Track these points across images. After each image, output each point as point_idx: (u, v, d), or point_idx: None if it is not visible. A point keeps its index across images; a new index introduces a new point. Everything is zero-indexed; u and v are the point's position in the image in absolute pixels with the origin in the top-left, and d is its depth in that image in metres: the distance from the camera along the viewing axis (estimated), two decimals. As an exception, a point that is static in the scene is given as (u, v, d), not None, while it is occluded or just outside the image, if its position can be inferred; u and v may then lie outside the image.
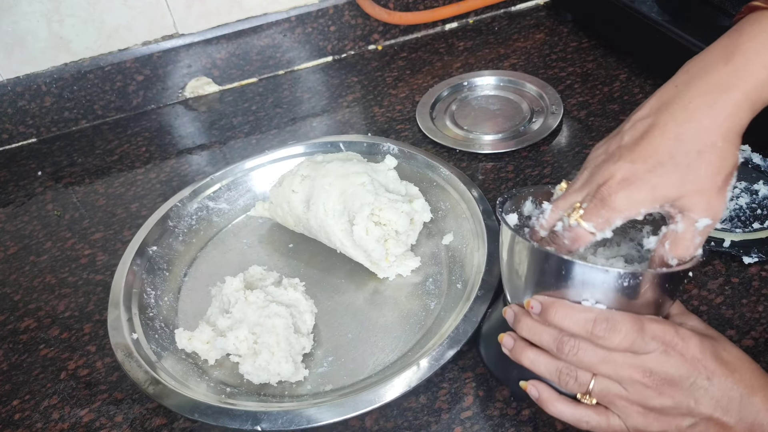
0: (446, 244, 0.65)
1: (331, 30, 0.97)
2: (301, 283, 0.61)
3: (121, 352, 0.55)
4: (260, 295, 0.57)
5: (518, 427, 0.50)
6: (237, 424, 0.49)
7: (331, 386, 0.55)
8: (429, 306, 0.60)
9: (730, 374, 0.40)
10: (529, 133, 0.78)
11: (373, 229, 0.60)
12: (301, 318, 0.57)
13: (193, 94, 0.96)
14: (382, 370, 0.55)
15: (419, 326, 0.58)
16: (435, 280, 0.63)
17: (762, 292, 0.56)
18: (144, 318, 0.59)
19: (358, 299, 0.62)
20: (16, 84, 0.87)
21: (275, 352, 0.54)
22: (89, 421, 0.55)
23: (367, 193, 0.61)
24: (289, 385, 0.55)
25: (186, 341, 0.57)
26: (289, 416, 0.49)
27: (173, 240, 0.68)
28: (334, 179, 0.62)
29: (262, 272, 0.62)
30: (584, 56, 0.91)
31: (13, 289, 0.69)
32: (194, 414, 0.50)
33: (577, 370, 0.42)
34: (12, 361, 0.62)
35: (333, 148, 0.74)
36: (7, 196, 0.83)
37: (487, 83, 0.87)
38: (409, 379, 0.50)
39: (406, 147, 0.72)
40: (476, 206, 0.64)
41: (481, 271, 0.57)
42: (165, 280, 0.65)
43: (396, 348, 0.57)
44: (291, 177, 0.65)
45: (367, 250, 0.61)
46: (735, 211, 0.61)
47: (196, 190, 0.71)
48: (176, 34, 0.91)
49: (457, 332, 0.53)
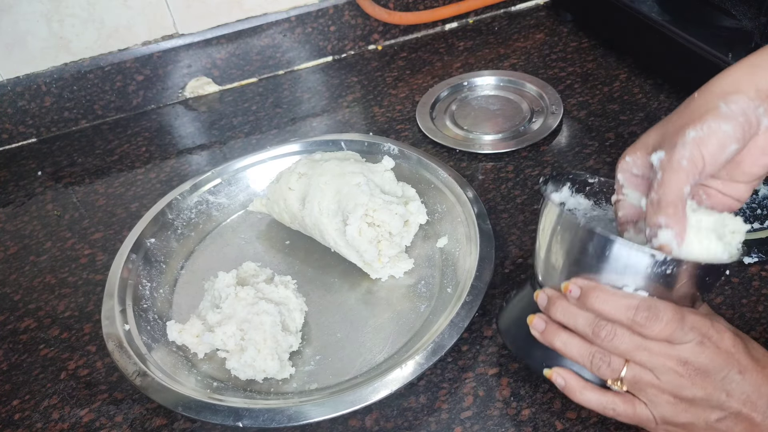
0: (441, 247, 0.65)
1: (331, 30, 0.97)
2: (293, 281, 0.61)
3: (112, 343, 0.55)
4: (251, 292, 0.57)
5: (518, 427, 0.50)
6: (219, 419, 0.49)
7: (316, 385, 0.55)
8: (419, 308, 0.60)
9: (761, 370, 0.40)
10: (529, 133, 0.78)
11: (366, 229, 0.60)
12: (290, 316, 0.58)
13: (193, 94, 0.96)
14: (368, 371, 0.55)
15: (408, 328, 0.58)
16: (427, 282, 0.62)
17: (762, 292, 0.56)
18: (137, 309, 0.60)
19: (350, 299, 0.62)
20: (16, 84, 0.87)
21: (261, 349, 0.54)
22: (89, 421, 0.55)
23: (362, 193, 0.61)
24: (275, 382, 0.55)
25: (176, 334, 0.57)
26: (271, 414, 0.49)
27: (172, 233, 0.68)
28: (330, 178, 0.62)
29: (256, 269, 0.62)
30: (584, 56, 0.91)
31: (13, 289, 0.69)
32: (178, 407, 0.50)
33: (611, 355, 0.42)
34: (12, 361, 0.62)
35: (334, 147, 0.74)
36: (7, 196, 0.83)
37: (487, 83, 0.87)
38: (394, 380, 0.50)
39: (405, 147, 0.72)
40: (471, 210, 0.63)
41: (471, 277, 0.57)
42: (161, 273, 0.65)
43: (384, 349, 0.57)
44: (288, 174, 0.66)
45: (360, 251, 0.61)
46: (735, 212, 0.61)
47: (196, 184, 0.71)
48: (176, 34, 0.91)
49: (443, 337, 0.52)
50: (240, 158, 0.74)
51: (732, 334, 0.41)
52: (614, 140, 0.75)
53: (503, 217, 0.68)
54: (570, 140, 0.77)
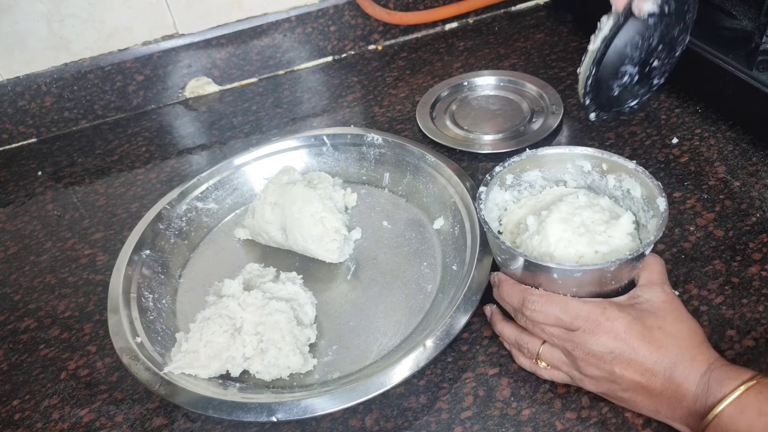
0: (437, 228, 0.67)
1: (331, 30, 0.97)
2: (299, 276, 0.62)
3: (127, 356, 0.55)
4: (258, 295, 0.57)
5: (518, 427, 0.50)
6: (252, 416, 0.49)
7: (338, 374, 0.55)
8: (426, 289, 0.61)
9: (655, 350, 0.44)
10: (529, 133, 0.78)
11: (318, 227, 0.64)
12: (302, 310, 0.58)
13: (193, 94, 0.96)
14: (388, 354, 0.56)
15: (418, 309, 0.60)
16: (430, 264, 0.64)
17: (762, 292, 0.56)
18: (145, 321, 0.59)
19: (355, 288, 0.63)
20: (16, 84, 0.87)
21: (282, 346, 0.55)
22: (89, 421, 0.55)
23: (333, 213, 0.64)
24: (298, 376, 0.56)
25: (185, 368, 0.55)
26: (304, 405, 0.49)
27: (165, 243, 0.68)
28: (302, 204, 0.63)
29: (260, 269, 0.63)
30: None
31: (14, 289, 0.69)
32: (208, 410, 0.50)
33: (530, 337, 0.50)
34: (12, 361, 0.62)
35: (317, 142, 0.75)
36: (7, 196, 0.83)
37: (487, 83, 0.87)
38: (417, 359, 0.51)
39: (389, 136, 0.73)
40: (464, 188, 0.65)
41: (476, 252, 0.58)
42: (161, 283, 0.65)
43: (398, 332, 0.58)
44: (261, 206, 0.66)
45: (318, 241, 0.64)
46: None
47: (183, 192, 0.71)
48: (176, 34, 0.91)
49: (458, 313, 0.53)
50: (224, 162, 0.74)
51: (627, 320, 0.45)
52: (614, 140, 0.75)
53: (503, 217, 0.68)
54: (570, 140, 0.77)
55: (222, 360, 0.54)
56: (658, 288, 0.48)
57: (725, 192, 0.65)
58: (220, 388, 0.54)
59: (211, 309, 0.57)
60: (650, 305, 0.47)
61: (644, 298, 0.48)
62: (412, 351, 0.51)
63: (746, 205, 0.64)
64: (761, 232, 0.61)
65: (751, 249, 0.60)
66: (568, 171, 0.57)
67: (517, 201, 0.58)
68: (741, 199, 0.64)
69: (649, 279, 0.49)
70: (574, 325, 0.46)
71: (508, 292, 0.51)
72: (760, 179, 0.66)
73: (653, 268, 0.49)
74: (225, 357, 0.54)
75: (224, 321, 0.56)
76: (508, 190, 0.58)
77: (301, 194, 0.64)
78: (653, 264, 0.50)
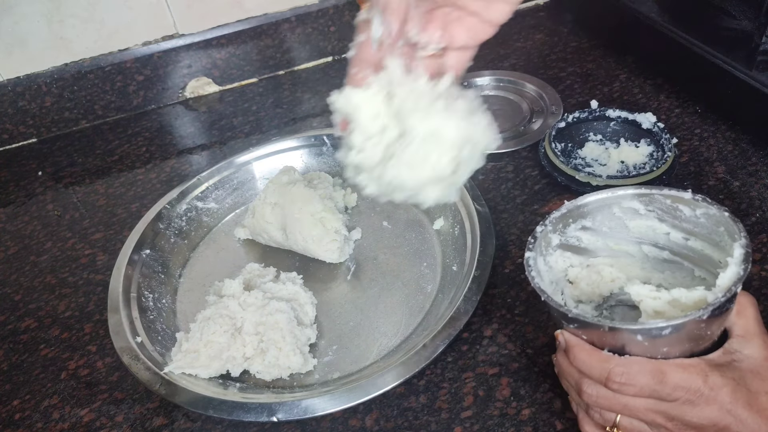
0: (437, 228, 0.67)
1: (331, 30, 0.97)
2: (299, 276, 0.62)
3: (127, 356, 0.55)
4: (258, 295, 0.57)
5: (518, 427, 0.50)
6: (252, 416, 0.49)
7: (338, 374, 0.56)
8: (426, 289, 0.62)
9: (765, 422, 0.39)
10: (529, 133, 0.78)
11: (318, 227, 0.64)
12: (302, 310, 0.59)
13: (193, 94, 0.96)
14: (388, 354, 0.56)
15: (419, 309, 0.60)
16: (430, 264, 0.64)
17: (762, 292, 0.56)
18: (145, 321, 0.60)
19: (355, 288, 0.63)
20: (17, 84, 0.87)
21: (282, 346, 0.55)
22: (89, 421, 0.55)
23: (333, 213, 0.64)
24: (298, 376, 0.56)
25: (186, 368, 0.55)
26: (304, 405, 0.50)
27: (165, 242, 0.68)
28: (302, 204, 0.64)
29: (260, 269, 0.63)
30: (584, 56, 0.91)
31: (14, 289, 0.69)
32: (208, 410, 0.50)
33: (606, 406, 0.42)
34: (12, 361, 0.62)
35: (317, 142, 0.75)
36: (8, 196, 0.83)
37: (487, 83, 0.87)
38: (417, 360, 0.51)
39: None
40: (464, 189, 0.64)
41: (477, 252, 0.59)
42: (162, 283, 0.65)
43: (398, 332, 0.58)
44: (261, 206, 0.66)
45: (319, 242, 0.64)
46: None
47: (183, 192, 0.72)
48: (176, 35, 0.91)
49: (458, 312, 0.53)
50: (224, 162, 0.75)
51: (731, 388, 0.39)
52: (614, 140, 0.75)
53: (503, 217, 0.68)
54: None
55: (222, 360, 0.54)
56: (757, 340, 0.42)
57: (725, 192, 0.65)
58: (220, 387, 0.54)
59: (211, 309, 0.57)
60: (751, 363, 0.41)
61: (744, 354, 0.41)
62: (412, 351, 0.51)
63: (746, 205, 0.64)
64: (761, 232, 0.61)
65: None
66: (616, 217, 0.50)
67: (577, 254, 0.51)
68: (741, 199, 0.64)
69: (746, 329, 0.42)
70: (671, 397, 0.40)
71: (585, 360, 0.42)
72: (760, 179, 0.66)
73: (748, 313, 0.43)
74: (225, 357, 0.54)
75: (224, 321, 0.56)
76: (558, 249, 0.51)
77: (302, 194, 0.64)
78: (747, 307, 0.43)
